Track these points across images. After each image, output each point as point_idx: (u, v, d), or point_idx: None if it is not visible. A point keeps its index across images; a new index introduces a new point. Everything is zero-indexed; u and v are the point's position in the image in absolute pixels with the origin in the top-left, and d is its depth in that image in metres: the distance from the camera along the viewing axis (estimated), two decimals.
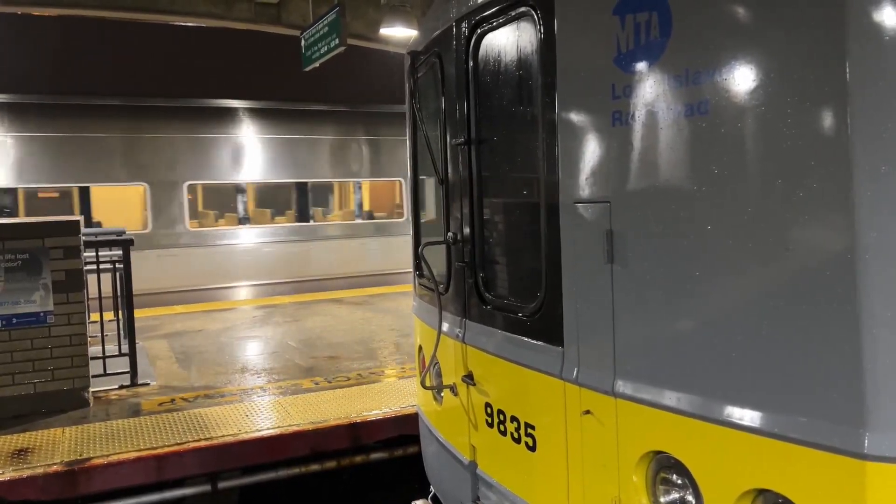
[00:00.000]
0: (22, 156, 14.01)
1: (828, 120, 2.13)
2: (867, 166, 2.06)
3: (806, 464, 2.19)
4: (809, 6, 2.16)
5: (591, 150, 2.96)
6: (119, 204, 16.22)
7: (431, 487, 4.93)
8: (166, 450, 5.69)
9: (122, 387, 7.51)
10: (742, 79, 2.32)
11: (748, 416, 2.35)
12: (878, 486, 2.06)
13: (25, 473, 5.27)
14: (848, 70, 2.06)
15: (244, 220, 16.49)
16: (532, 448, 3.44)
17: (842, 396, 2.12)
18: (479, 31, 3.75)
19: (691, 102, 2.48)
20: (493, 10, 3.58)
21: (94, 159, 14.67)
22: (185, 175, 15.53)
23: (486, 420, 3.83)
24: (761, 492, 2.36)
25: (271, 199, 18.46)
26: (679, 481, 2.69)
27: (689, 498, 2.65)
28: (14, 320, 6.65)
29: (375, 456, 6.35)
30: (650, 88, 2.63)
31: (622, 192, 2.82)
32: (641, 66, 2.66)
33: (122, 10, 13.12)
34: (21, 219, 10.14)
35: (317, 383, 7.57)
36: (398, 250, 17.10)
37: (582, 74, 2.99)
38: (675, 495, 2.72)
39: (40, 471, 5.32)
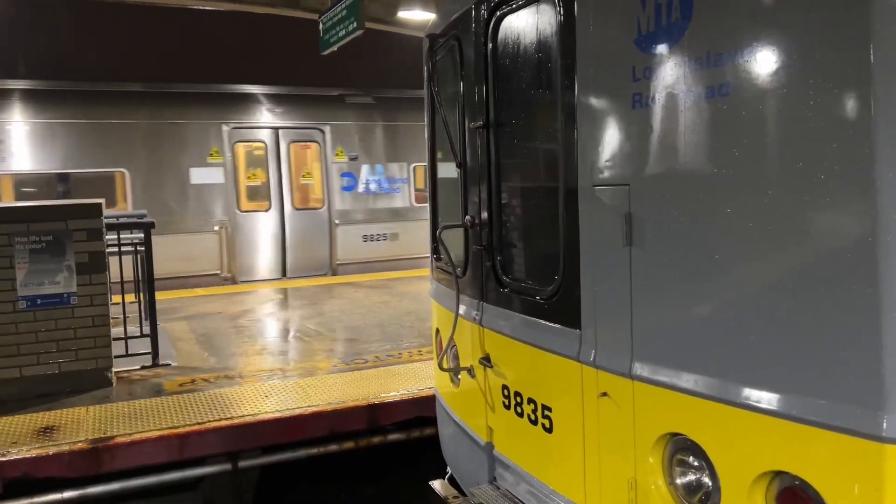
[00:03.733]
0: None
1: (851, 102, 2.11)
2: (890, 149, 2.04)
3: (823, 446, 2.20)
4: None
5: (611, 133, 2.96)
6: None
7: (448, 468, 4.98)
8: (188, 429, 5.78)
9: (143, 367, 7.62)
10: (764, 61, 2.31)
11: (765, 399, 2.36)
12: None
13: (51, 451, 5.39)
14: (872, 52, 2.04)
15: None
16: (549, 430, 3.46)
17: (860, 379, 2.12)
18: (498, 13, 3.74)
19: (712, 85, 2.47)
20: None
21: None
22: None
23: (503, 402, 3.86)
24: (778, 474, 2.37)
25: None
26: (696, 463, 2.70)
27: (706, 480, 2.66)
28: (38, 301, 6.76)
29: (393, 437, 6.42)
30: (671, 70, 2.62)
31: (641, 175, 2.81)
32: (662, 47, 2.65)
33: None
34: (45, 202, 10.29)
35: (335, 365, 7.64)
36: None
37: (602, 57, 2.98)
38: (691, 477, 2.74)
39: (66, 448, 5.43)
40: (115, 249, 7.82)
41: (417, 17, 12.12)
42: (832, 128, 2.15)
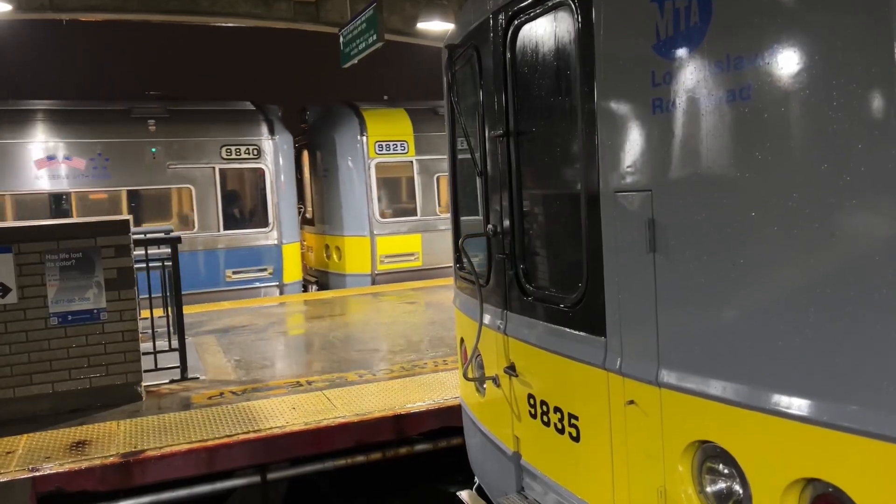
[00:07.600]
0: None
1: (875, 103, 2.08)
2: None
3: (857, 452, 2.16)
4: None
5: (632, 139, 2.94)
6: None
7: (476, 478, 4.96)
8: (216, 442, 5.83)
9: (172, 381, 7.70)
10: (785, 63, 2.28)
11: (796, 405, 2.32)
12: None
13: (84, 465, 5.46)
14: (895, 51, 2.01)
15: None
16: (576, 438, 3.44)
17: (894, 383, 2.07)
18: (516, 22, 3.75)
19: (733, 88, 2.45)
20: (530, 0, 3.57)
21: None
22: None
23: (530, 411, 3.84)
24: (811, 481, 2.33)
25: None
26: (726, 471, 2.66)
27: (737, 487, 2.62)
28: (69, 317, 6.88)
29: (419, 448, 6.41)
30: (691, 75, 2.60)
31: (664, 181, 2.79)
32: (682, 52, 2.64)
33: (166, 14, 13.40)
34: (73, 219, 10.47)
35: (361, 376, 7.66)
36: None
37: (621, 63, 2.97)
38: (721, 485, 2.70)
39: (97, 462, 5.51)
40: (155, 264, 7.93)
41: (436, 28, 12.19)
42: (857, 128, 2.12)
